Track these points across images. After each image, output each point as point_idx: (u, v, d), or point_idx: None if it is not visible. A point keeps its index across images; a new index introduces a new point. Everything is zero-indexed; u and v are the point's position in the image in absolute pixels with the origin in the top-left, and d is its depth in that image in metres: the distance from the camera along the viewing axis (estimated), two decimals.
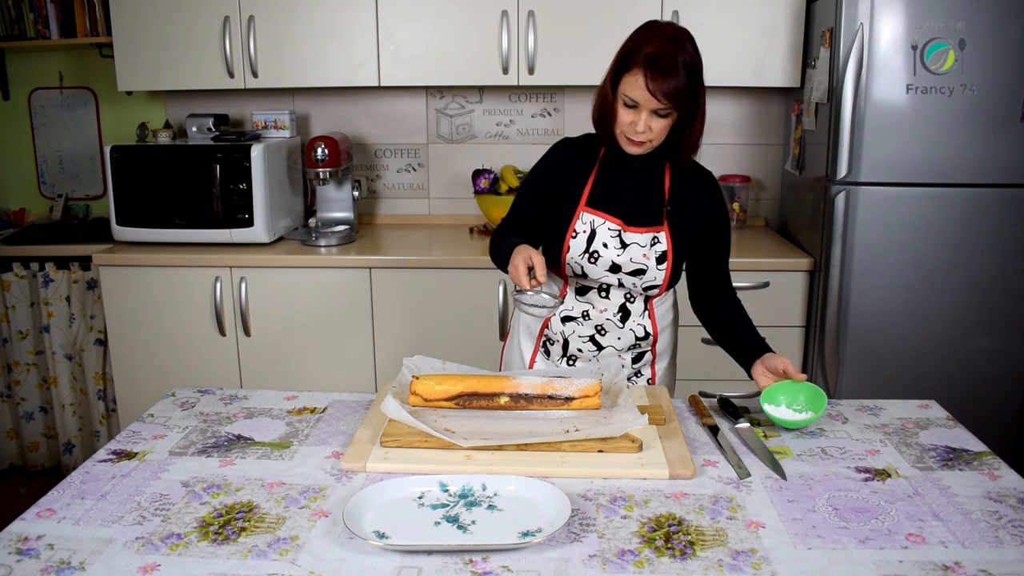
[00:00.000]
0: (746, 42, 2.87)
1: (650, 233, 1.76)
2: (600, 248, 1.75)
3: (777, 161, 3.28)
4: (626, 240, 1.75)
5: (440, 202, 3.39)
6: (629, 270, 1.76)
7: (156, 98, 3.35)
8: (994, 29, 2.44)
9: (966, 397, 2.65)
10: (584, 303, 1.83)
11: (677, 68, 1.59)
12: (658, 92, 1.59)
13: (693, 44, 1.64)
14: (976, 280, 2.60)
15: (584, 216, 1.77)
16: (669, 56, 1.59)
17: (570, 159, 1.83)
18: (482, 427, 1.48)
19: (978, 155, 2.52)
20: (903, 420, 1.61)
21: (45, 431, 3.28)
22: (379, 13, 2.89)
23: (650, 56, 1.59)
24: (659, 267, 1.76)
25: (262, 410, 1.65)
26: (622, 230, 1.76)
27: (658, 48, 1.59)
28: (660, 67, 1.58)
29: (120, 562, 1.12)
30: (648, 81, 1.59)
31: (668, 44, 1.60)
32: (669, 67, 1.58)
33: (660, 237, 1.76)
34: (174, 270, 2.81)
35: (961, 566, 1.11)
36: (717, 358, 2.80)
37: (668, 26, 1.65)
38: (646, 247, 1.75)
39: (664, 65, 1.58)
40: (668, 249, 1.76)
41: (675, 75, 1.59)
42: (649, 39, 1.62)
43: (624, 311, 1.81)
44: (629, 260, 1.75)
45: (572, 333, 1.85)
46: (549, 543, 1.16)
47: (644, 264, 1.75)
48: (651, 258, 1.75)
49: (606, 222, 1.76)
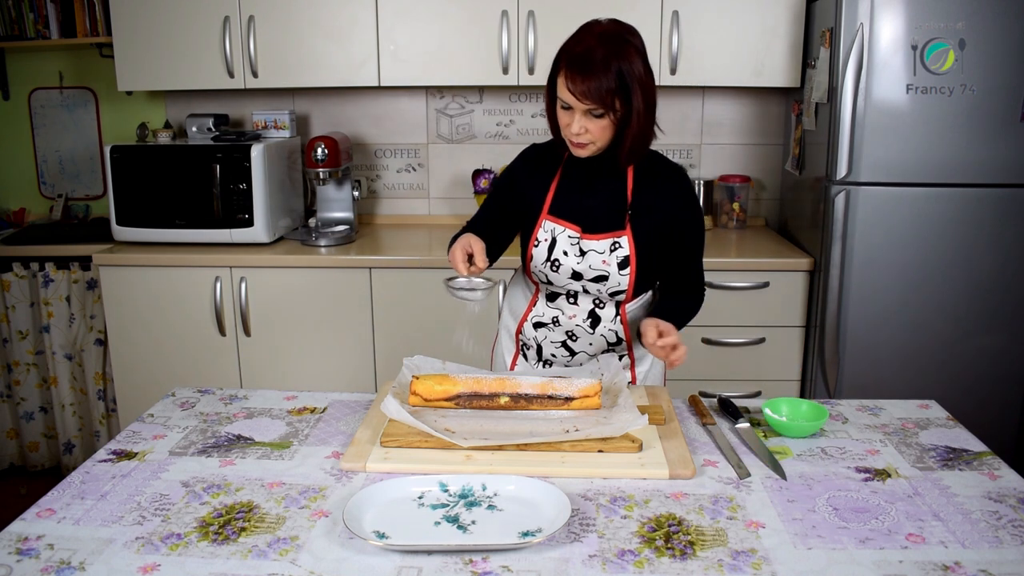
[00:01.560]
0: (746, 42, 2.87)
1: (609, 239, 1.71)
2: (561, 256, 1.73)
3: (777, 161, 3.28)
4: (584, 248, 1.72)
5: (440, 202, 3.39)
6: (591, 277, 1.73)
7: (156, 98, 3.35)
8: (994, 29, 2.44)
9: (966, 397, 2.65)
10: (554, 309, 1.81)
11: (599, 66, 1.53)
12: (577, 92, 1.55)
13: (630, 43, 1.57)
14: (976, 280, 2.60)
15: (546, 224, 1.75)
16: (591, 54, 1.54)
17: (534, 165, 1.80)
18: (482, 427, 1.48)
19: (978, 155, 2.52)
20: (903, 420, 1.61)
21: (45, 431, 3.28)
22: (379, 13, 2.89)
23: (573, 55, 1.55)
24: (621, 273, 1.71)
25: (262, 410, 1.65)
26: (580, 238, 1.72)
27: (584, 47, 1.55)
28: (581, 67, 1.54)
29: (120, 562, 1.12)
30: (568, 81, 1.55)
31: (596, 41, 1.55)
32: (591, 67, 1.53)
33: (621, 242, 1.71)
34: (174, 270, 2.81)
35: (961, 566, 1.11)
36: (717, 358, 2.81)
37: (607, 24, 1.60)
38: (605, 253, 1.71)
39: (585, 65, 1.54)
40: (631, 254, 1.71)
41: (598, 75, 1.53)
42: (579, 39, 1.58)
43: (594, 317, 1.79)
44: (589, 267, 1.72)
45: (544, 339, 1.84)
46: (549, 543, 1.16)
47: (605, 271, 1.71)
48: (612, 264, 1.71)
49: (566, 230, 1.73)
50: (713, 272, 2.74)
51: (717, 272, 2.74)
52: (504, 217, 1.83)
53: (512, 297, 1.94)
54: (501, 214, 1.84)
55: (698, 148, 3.28)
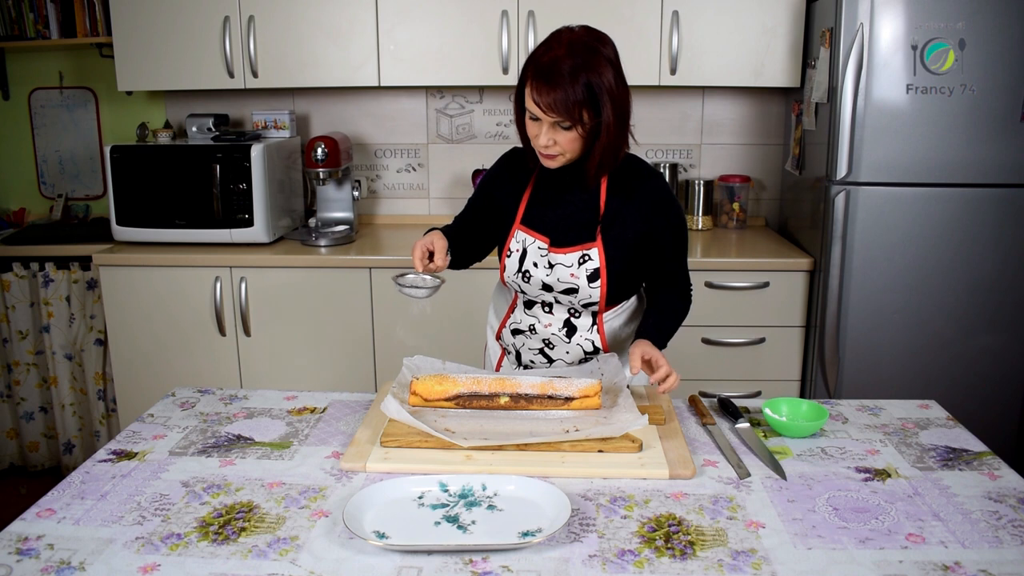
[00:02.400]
0: (746, 42, 2.87)
1: (577, 252, 1.68)
2: (531, 267, 1.71)
3: (777, 161, 3.28)
4: (552, 260, 1.69)
5: (440, 202, 3.38)
6: (560, 289, 1.71)
7: (156, 98, 3.35)
8: (994, 29, 2.44)
9: (966, 397, 2.65)
10: (531, 317, 1.79)
11: (565, 78, 1.48)
12: (543, 104, 1.50)
13: (600, 53, 1.51)
14: (976, 280, 2.60)
15: (518, 234, 1.73)
16: (558, 65, 1.48)
17: (511, 173, 1.77)
18: (482, 427, 1.48)
19: (978, 155, 2.52)
20: (903, 420, 1.61)
21: (45, 431, 3.28)
22: (379, 13, 2.89)
23: (539, 66, 1.50)
24: (591, 285, 1.68)
25: (262, 410, 1.65)
26: (548, 250, 1.70)
27: (551, 56, 1.50)
28: (547, 77, 1.49)
29: (120, 562, 1.12)
30: (535, 92, 1.50)
31: (564, 51, 1.49)
32: (556, 78, 1.48)
33: (591, 254, 1.67)
34: (174, 270, 2.81)
35: (961, 566, 1.11)
36: (717, 358, 2.81)
37: (577, 32, 1.54)
38: (573, 266, 1.68)
39: (552, 76, 1.48)
40: (601, 266, 1.67)
41: (562, 86, 1.48)
42: (547, 47, 1.52)
43: (569, 326, 1.76)
44: (558, 280, 1.70)
45: (523, 345, 1.83)
46: (549, 543, 1.16)
47: (574, 284, 1.69)
48: (580, 277, 1.68)
49: (536, 241, 1.71)
50: (713, 272, 2.74)
51: (717, 272, 2.74)
52: (482, 221, 1.82)
53: (495, 300, 1.93)
54: (479, 218, 1.83)
55: (698, 148, 3.28)
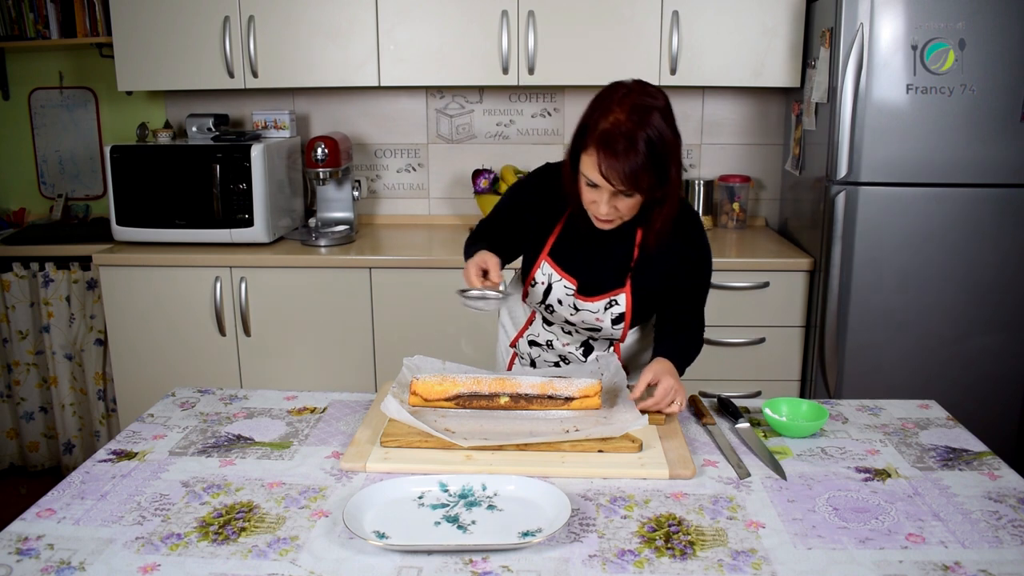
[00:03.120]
0: (746, 42, 2.87)
1: (605, 299, 1.67)
2: (555, 303, 1.70)
3: (777, 161, 3.28)
4: (578, 306, 1.69)
5: (440, 202, 3.38)
6: (584, 327, 1.72)
7: (156, 98, 3.35)
8: (994, 29, 2.43)
9: (966, 397, 2.65)
10: (549, 333, 1.81)
11: (635, 147, 1.40)
12: (612, 176, 1.42)
13: (662, 111, 1.44)
14: (976, 280, 2.60)
15: (544, 267, 1.70)
16: (626, 134, 1.40)
17: (546, 199, 1.69)
18: (482, 427, 1.48)
19: (978, 155, 2.52)
20: (903, 420, 1.61)
21: (45, 431, 3.28)
22: (379, 13, 2.88)
23: (604, 134, 1.41)
24: (615, 327, 1.69)
25: (262, 410, 1.65)
26: (575, 297, 1.68)
27: (615, 124, 1.41)
28: (614, 147, 1.40)
29: (120, 562, 1.12)
30: (601, 163, 1.42)
31: (628, 117, 1.41)
32: (625, 146, 1.40)
33: (619, 300, 1.66)
34: (174, 270, 2.81)
35: (961, 566, 1.11)
36: (717, 358, 2.81)
37: (633, 92, 1.45)
38: (599, 312, 1.68)
39: (619, 144, 1.40)
40: (627, 312, 1.67)
41: (632, 155, 1.40)
42: (607, 111, 1.43)
43: (587, 346, 1.78)
44: (582, 321, 1.70)
45: (538, 356, 1.84)
46: (549, 543, 1.16)
47: (598, 325, 1.70)
48: (605, 320, 1.68)
49: (563, 280, 1.68)
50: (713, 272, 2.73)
51: (717, 272, 2.74)
52: (510, 235, 1.77)
53: (513, 306, 1.92)
54: (507, 232, 1.77)
55: (698, 148, 3.28)
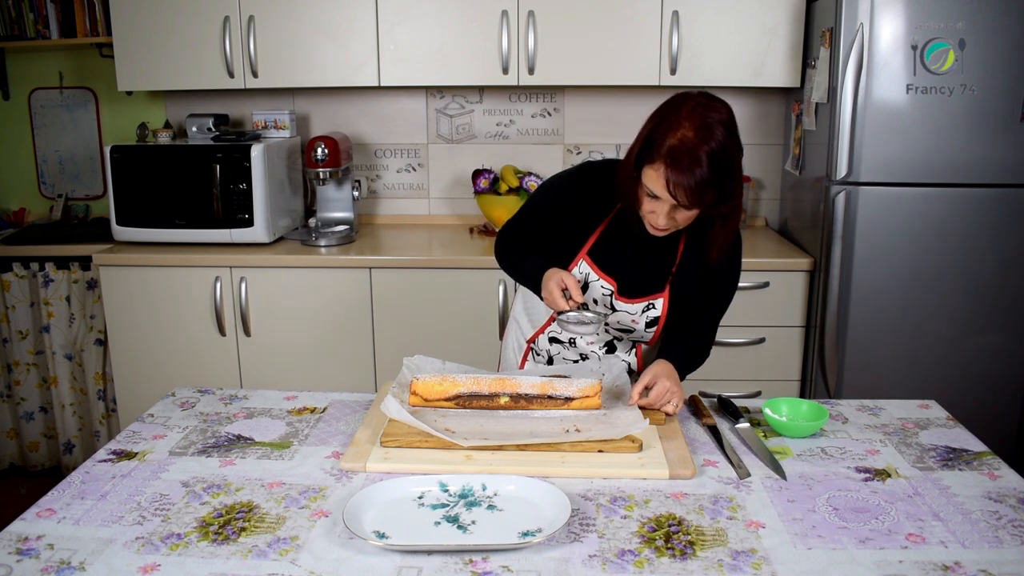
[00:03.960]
0: (746, 42, 2.87)
1: (644, 302, 1.67)
2: (590, 302, 1.70)
3: (777, 161, 3.28)
4: (616, 307, 1.68)
5: (440, 202, 3.38)
6: (617, 328, 1.72)
7: (156, 98, 3.35)
8: (994, 29, 2.43)
9: (966, 397, 2.65)
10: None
11: (701, 164, 1.40)
12: (679, 192, 1.43)
13: (727, 124, 1.44)
14: (976, 280, 2.60)
15: (582, 265, 1.69)
16: (693, 150, 1.40)
17: (585, 197, 1.68)
18: (482, 427, 1.48)
19: (978, 155, 2.52)
20: (903, 420, 1.61)
21: (45, 431, 3.28)
22: (379, 13, 2.88)
23: (672, 150, 1.42)
24: (648, 330, 1.69)
25: (262, 410, 1.65)
26: (614, 297, 1.68)
27: (683, 140, 1.42)
28: (680, 163, 1.41)
29: (120, 562, 1.12)
30: (669, 179, 1.43)
31: (696, 133, 1.41)
32: (691, 162, 1.40)
33: (656, 304, 1.66)
34: (174, 270, 2.81)
35: (961, 566, 1.11)
36: (717, 358, 2.80)
37: (700, 105, 1.45)
38: (636, 314, 1.67)
39: (685, 161, 1.41)
40: (662, 315, 1.66)
41: (698, 172, 1.40)
42: (674, 126, 1.43)
43: (610, 346, 1.78)
44: (617, 322, 1.70)
45: (557, 354, 1.83)
46: (549, 543, 1.16)
47: (632, 327, 1.70)
48: (640, 323, 1.68)
49: (600, 280, 1.67)
50: None
51: None
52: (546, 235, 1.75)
53: (529, 302, 1.91)
54: (543, 232, 1.75)
55: None
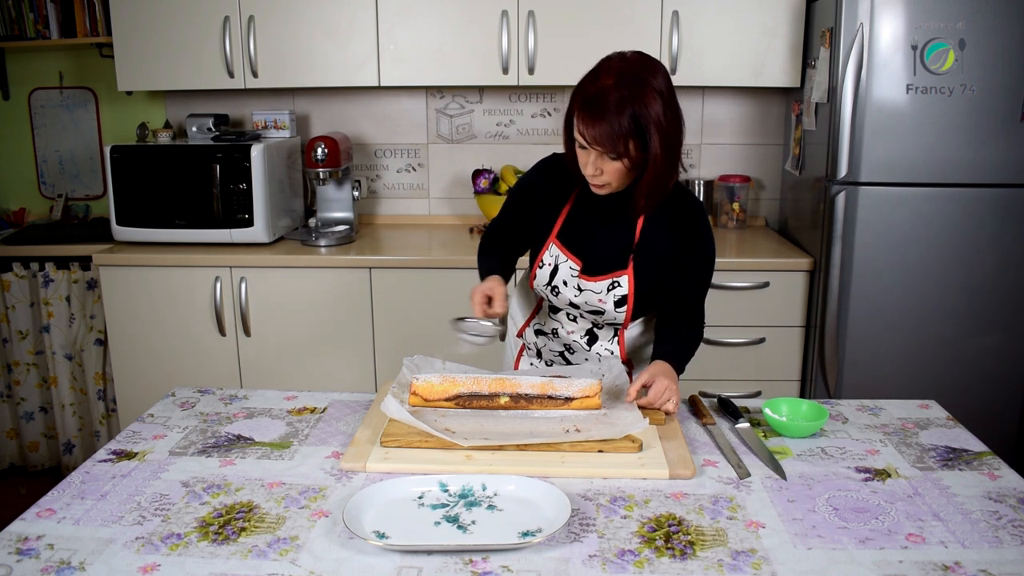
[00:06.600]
0: (746, 42, 2.87)
1: (607, 280, 1.68)
2: (560, 285, 1.72)
3: (777, 161, 3.28)
4: (582, 285, 1.70)
5: (440, 202, 3.38)
6: (587, 310, 1.73)
7: (156, 98, 3.35)
8: (994, 29, 2.43)
9: (966, 397, 2.65)
10: (555, 322, 1.82)
11: (611, 110, 1.44)
12: (588, 135, 1.47)
13: (649, 84, 1.46)
14: (976, 280, 2.60)
15: (552, 248, 1.73)
16: (604, 97, 1.44)
17: (551, 183, 1.74)
18: (482, 427, 1.48)
19: (978, 155, 2.52)
20: (903, 420, 1.61)
21: (45, 431, 3.28)
22: (379, 13, 2.88)
23: (586, 96, 1.48)
24: (618, 310, 1.70)
25: (262, 410, 1.65)
26: (580, 277, 1.70)
27: (598, 87, 1.46)
28: (592, 109, 1.46)
29: (120, 562, 1.12)
30: (580, 123, 1.49)
31: (612, 82, 1.45)
32: (602, 109, 1.44)
33: (621, 281, 1.68)
34: (174, 270, 2.81)
35: (961, 566, 1.11)
36: (717, 358, 2.81)
37: (628, 59, 1.49)
38: (602, 293, 1.69)
39: (597, 107, 1.45)
40: (629, 294, 1.68)
41: (608, 119, 1.44)
42: (595, 76, 1.49)
43: (591, 335, 1.79)
44: (585, 303, 1.71)
45: (544, 346, 1.86)
46: (549, 543, 1.16)
47: (601, 308, 1.71)
48: (608, 303, 1.69)
49: (568, 260, 1.71)
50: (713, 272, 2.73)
51: (717, 272, 2.72)
52: (520, 228, 1.82)
53: (520, 297, 1.94)
54: (517, 225, 1.82)
55: (698, 148, 3.28)
